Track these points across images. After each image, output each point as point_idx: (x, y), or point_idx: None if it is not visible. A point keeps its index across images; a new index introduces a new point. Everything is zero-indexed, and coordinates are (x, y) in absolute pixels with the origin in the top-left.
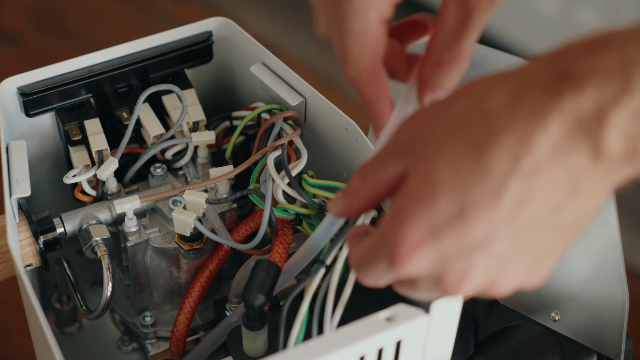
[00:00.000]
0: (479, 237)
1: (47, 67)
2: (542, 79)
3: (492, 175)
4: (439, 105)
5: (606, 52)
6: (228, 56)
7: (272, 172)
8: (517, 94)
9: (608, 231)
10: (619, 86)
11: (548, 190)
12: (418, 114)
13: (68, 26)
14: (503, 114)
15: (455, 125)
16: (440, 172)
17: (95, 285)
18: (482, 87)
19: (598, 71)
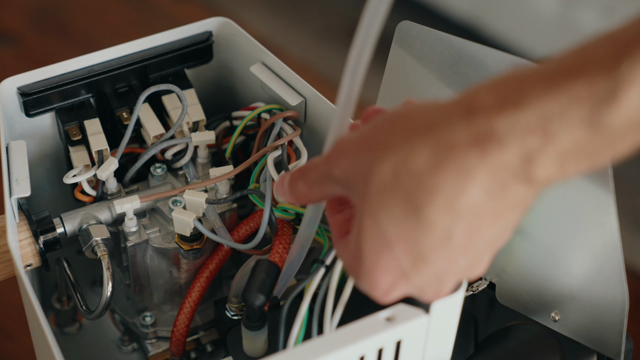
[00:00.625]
0: (442, 266)
1: (47, 67)
2: (461, 139)
3: (437, 229)
4: (365, 153)
5: (521, 111)
6: (228, 56)
7: (272, 172)
8: (440, 156)
9: (608, 231)
10: (540, 139)
11: (491, 222)
12: (349, 153)
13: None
14: (431, 176)
15: (387, 185)
16: (387, 228)
17: (95, 285)
18: (400, 146)
19: (516, 129)
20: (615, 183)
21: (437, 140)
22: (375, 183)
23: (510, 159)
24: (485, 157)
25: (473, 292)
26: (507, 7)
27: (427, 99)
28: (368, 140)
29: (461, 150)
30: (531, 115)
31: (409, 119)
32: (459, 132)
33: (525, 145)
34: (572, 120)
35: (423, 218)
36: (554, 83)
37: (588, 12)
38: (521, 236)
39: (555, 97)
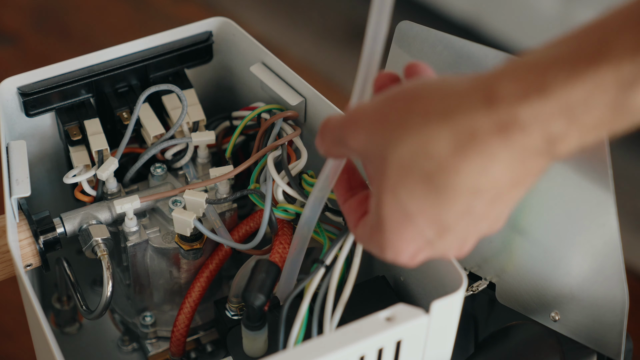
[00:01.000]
0: (466, 232)
1: (47, 67)
2: (483, 126)
3: (458, 205)
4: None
5: (545, 100)
6: (228, 56)
7: (272, 172)
8: (461, 142)
9: (608, 231)
10: (564, 124)
11: (511, 190)
12: (363, 126)
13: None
14: (452, 160)
15: (406, 166)
16: (408, 204)
17: (95, 285)
18: (418, 130)
19: (540, 117)
20: (615, 183)
21: (457, 127)
22: (393, 162)
23: (533, 142)
24: (508, 142)
25: (473, 292)
26: (507, 7)
27: (436, 77)
28: (383, 117)
29: (484, 138)
30: (555, 104)
31: (424, 101)
32: (480, 120)
33: (549, 130)
34: (596, 106)
35: (444, 197)
36: (577, 70)
37: (588, 12)
38: (521, 236)
39: (580, 85)
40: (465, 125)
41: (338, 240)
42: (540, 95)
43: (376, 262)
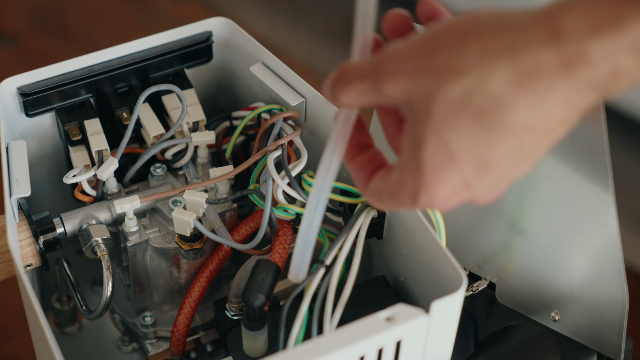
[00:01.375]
0: (504, 173)
1: (47, 67)
2: (548, 62)
3: (508, 144)
4: (429, 73)
5: (617, 34)
6: (228, 56)
7: (272, 172)
8: (523, 78)
9: (608, 231)
10: (632, 59)
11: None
12: (404, 71)
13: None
14: (510, 96)
15: (457, 105)
16: (454, 145)
17: (95, 285)
18: (474, 69)
19: (609, 51)
20: (615, 183)
21: (520, 63)
22: (441, 103)
23: (597, 77)
24: (572, 76)
25: (473, 292)
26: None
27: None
28: (430, 58)
29: (547, 73)
30: (627, 39)
31: (480, 37)
32: (545, 55)
33: (616, 64)
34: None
35: (496, 136)
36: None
37: None
38: (521, 236)
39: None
40: (528, 60)
41: (338, 240)
42: (614, 30)
43: (376, 262)
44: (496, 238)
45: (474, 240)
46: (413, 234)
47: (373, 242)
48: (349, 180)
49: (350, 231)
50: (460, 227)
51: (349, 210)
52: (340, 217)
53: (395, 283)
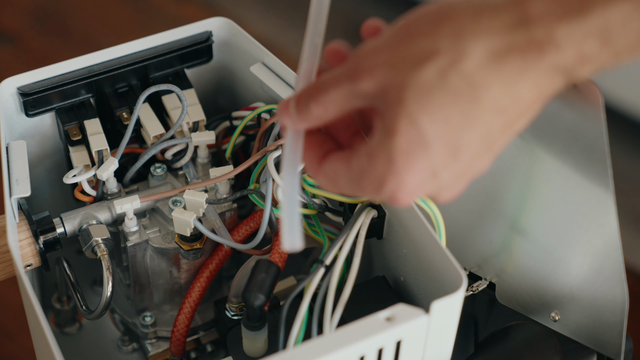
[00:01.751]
0: (468, 163)
1: (47, 67)
2: (519, 42)
3: (479, 125)
4: (404, 61)
5: (583, 20)
6: (228, 56)
7: (272, 172)
8: (496, 57)
9: (608, 231)
10: (598, 44)
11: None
12: (379, 64)
13: (68, 26)
14: (483, 74)
15: (430, 87)
16: (427, 130)
17: (95, 285)
18: (449, 49)
19: (576, 36)
20: (615, 183)
21: (494, 45)
22: (415, 87)
23: (565, 61)
24: (541, 59)
25: (473, 292)
26: None
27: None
28: (404, 47)
29: (518, 53)
30: (593, 24)
31: (453, 21)
32: (518, 39)
33: (582, 49)
34: (632, 29)
35: (469, 115)
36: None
37: None
38: (521, 236)
39: (619, 6)
40: (502, 41)
41: (338, 240)
42: (580, 15)
43: (376, 262)
44: (496, 238)
45: (474, 240)
46: (413, 234)
47: (373, 242)
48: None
49: (350, 231)
50: (460, 227)
51: (349, 210)
52: (340, 217)
53: (395, 283)
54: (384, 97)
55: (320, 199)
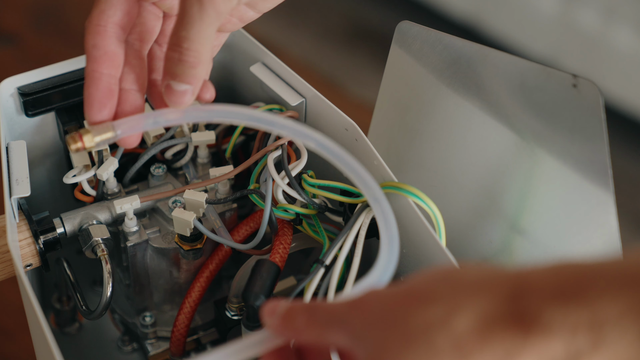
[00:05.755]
0: None
1: (47, 67)
2: (508, 312)
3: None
4: (400, 299)
5: (575, 306)
6: (228, 56)
7: (272, 172)
8: (485, 322)
9: (608, 231)
10: (590, 341)
11: None
12: (376, 300)
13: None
14: (471, 342)
15: (417, 337)
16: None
17: (95, 285)
18: (444, 301)
19: (566, 323)
20: (615, 183)
21: (484, 304)
22: (399, 331)
23: (555, 352)
24: (528, 341)
25: None
26: (507, 7)
27: None
28: (407, 292)
29: (505, 323)
30: (585, 312)
31: (458, 276)
32: (501, 305)
33: (574, 342)
34: (627, 331)
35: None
36: (616, 285)
37: (588, 12)
38: (521, 236)
39: (615, 300)
40: (489, 305)
41: (338, 240)
42: (573, 298)
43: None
44: (496, 238)
45: (474, 240)
46: (413, 234)
47: (373, 242)
48: (349, 180)
49: (350, 231)
50: (460, 227)
51: (349, 210)
52: (340, 217)
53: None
54: (364, 337)
55: (320, 199)
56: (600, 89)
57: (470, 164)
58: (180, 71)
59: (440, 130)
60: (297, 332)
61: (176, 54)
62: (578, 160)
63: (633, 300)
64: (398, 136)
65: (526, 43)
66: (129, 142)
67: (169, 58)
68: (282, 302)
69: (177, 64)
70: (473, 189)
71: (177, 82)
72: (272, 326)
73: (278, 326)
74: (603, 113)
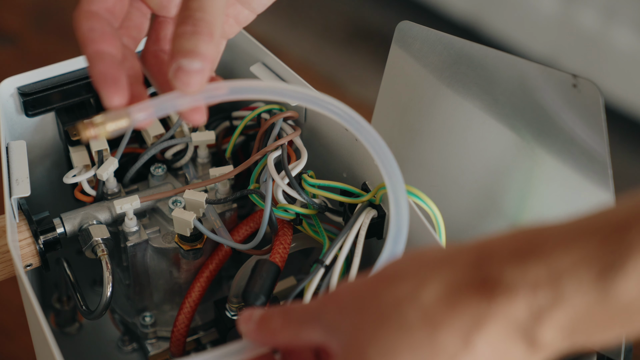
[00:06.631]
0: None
1: (47, 67)
2: (471, 279)
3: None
4: (369, 283)
5: (532, 262)
6: (228, 56)
7: (272, 172)
8: (450, 291)
9: None
10: (550, 295)
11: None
12: (347, 289)
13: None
14: (440, 311)
15: (387, 314)
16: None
17: (95, 285)
18: (413, 276)
19: (526, 281)
20: (615, 183)
21: (449, 274)
22: (369, 312)
23: (518, 312)
24: (493, 305)
25: None
26: (507, 7)
27: None
28: (376, 276)
29: (471, 290)
30: (542, 267)
31: (423, 254)
32: (465, 273)
33: (535, 299)
34: (582, 281)
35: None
36: (568, 238)
37: (588, 12)
38: None
39: (568, 252)
40: (451, 276)
41: (338, 240)
42: (529, 256)
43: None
44: None
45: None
46: (413, 234)
47: (373, 242)
48: (349, 180)
49: (350, 231)
50: (460, 227)
51: (349, 210)
52: (340, 217)
53: None
54: (337, 328)
55: (320, 199)
56: (600, 89)
57: (470, 164)
58: (194, 45)
59: (440, 130)
60: (273, 335)
61: (189, 27)
62: (578, 160)
63: (585, 250)
64: (398, 136)
65: (526, 43)
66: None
67: (179, 34)
68: (257, 310)
69: (190, 37)
70: (473, 189)
71: (190, 60)
72: (248, 333)
73: (253, 331)
74: (603, 113)
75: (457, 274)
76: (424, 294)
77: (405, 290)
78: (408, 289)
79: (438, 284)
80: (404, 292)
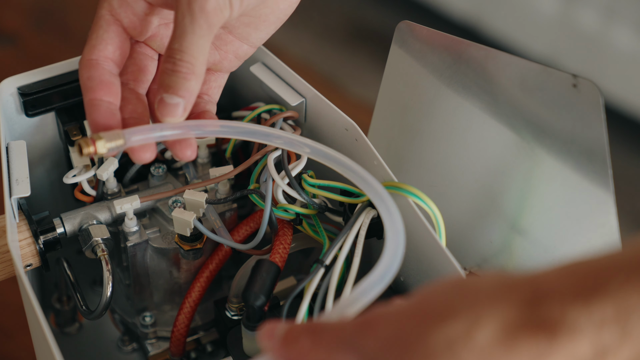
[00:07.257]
0: None
1: (47, 67)
2: (529, 318)
3: None
4: (414, 317)
5: (599, 301)
6: None
7: (272, 172)
8: (507, 331)
9: (608, 231)
10: (617, 334)
11: None
12: (387, 319)
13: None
14: (497, 353)
15: (440, 356)
16: None
17: (95, 285)
18: (465, 315)
19: (592, 321)
20: (615, 183)
21: (501, 316)
22: (418, 356)
23: (582, 350)
24: (554, 345)
25: None
26: (507, 7)
27: None
28: (421, 309)
29: (527, 333)
30: (610, 306)
31: (471, 287)
32: (522, 312)
33: (601, 339)
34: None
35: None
36: (637, 273)
37: (588, 12)
38: (521, 236)
39: (637, 288)
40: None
41: (338, 240)
42: (594, 294)
43: (376, 262)
44: (496, 238)
45: (474, 240)
46: (413, 234)
47: (373, 242)
48: (349, 180)
49: (350, 231)
50: (460, 227)
51: (349, 210)
52: (340, 217)
53: (395, 283)
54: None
55: (320, 199)
56: (600, 89)
57: (470, 164)
58: (173, 82)
59: (440, 130)
60: (301, 356)
61: (169, 65)
62: (578, 160)
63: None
64: (398, 136)
65: (526, 43)
66: (143, 157)
67: (162, 70)
68: (280, 324)
69: (170, 75)
70: (473, 189)
71: (170, 95)
72: (273, 349)
73: (279, 349)
74: (603, 113)
75: (513, 312)
76: (479, 334)
77: (457, 330)
78: (461, 329)
79: (494, 323)
80: (457, 332)
